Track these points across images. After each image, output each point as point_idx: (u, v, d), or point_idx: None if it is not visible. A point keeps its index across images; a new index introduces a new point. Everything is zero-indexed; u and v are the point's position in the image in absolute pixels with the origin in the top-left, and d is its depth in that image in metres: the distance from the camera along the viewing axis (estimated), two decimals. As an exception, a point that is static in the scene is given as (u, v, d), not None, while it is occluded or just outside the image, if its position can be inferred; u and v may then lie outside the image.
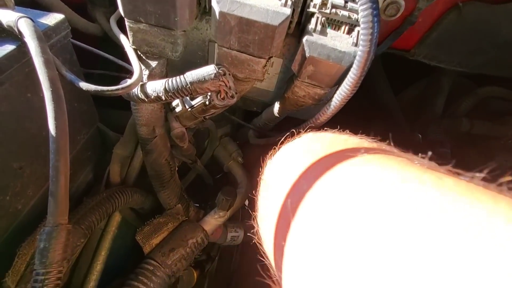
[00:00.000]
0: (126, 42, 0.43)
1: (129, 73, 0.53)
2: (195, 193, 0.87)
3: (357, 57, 0.32)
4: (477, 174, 0.24)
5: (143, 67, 0.42)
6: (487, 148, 0.67)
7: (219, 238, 0.62)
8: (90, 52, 0.54)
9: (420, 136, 0.64)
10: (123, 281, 0.59)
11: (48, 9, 0.54)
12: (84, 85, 0.33)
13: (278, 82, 0.56)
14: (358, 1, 0.29)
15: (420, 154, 0.27)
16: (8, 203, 0.39)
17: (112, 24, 0.49)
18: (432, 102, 0.70)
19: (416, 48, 0.56)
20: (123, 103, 0.51)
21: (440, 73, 0.70)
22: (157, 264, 0.46)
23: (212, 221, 0.57)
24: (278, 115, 0.52)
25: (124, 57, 0.52)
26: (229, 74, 0.40)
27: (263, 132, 0.59)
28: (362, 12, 0.29)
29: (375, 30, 0.29)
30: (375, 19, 0.29)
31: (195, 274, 0.61)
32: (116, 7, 0.67)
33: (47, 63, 0.32)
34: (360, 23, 0.30)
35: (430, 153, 0.25)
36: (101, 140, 0.62)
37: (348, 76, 0.34)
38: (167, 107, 0.48)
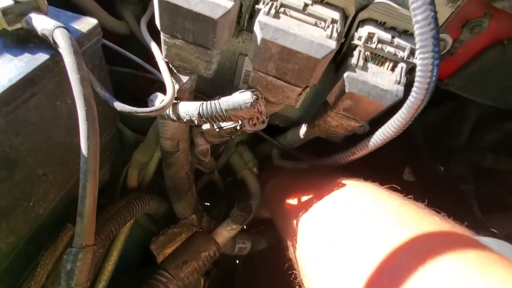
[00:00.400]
0: (158, 53, 0.42)
1: (152, 73, 0.52)
2: (204, 194, 0.88)
3: (408, 102, 0.31)
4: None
5: (173, 81, 0.41)
6: (507, 183, 0.66)
7: (227, 248, 0.62)
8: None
9: (442, 168, 0.63)
10: (130, 282, 0.60)
11: (77, 4, 0.53)
12: (119, 106, 0.32)
13: (304, 101, 0.54)
14: (418, 48, 0.28)
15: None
16: (31, 209, 0.39)
17: (143, 29, 0.48)
18: (457, 131, 0.69)
19: (450, 78, 0.54)
20: (142, 104, 0.50)
21: (468, 101, 0.69)
22: (170, 277, 0.46)
23: (225, 233, 0.57)
24: (304, 138, 0.51)
25: (148, 56, 0.50)
26: (262, 98, 0.39)
27: (287, 151, 0.58)
28: (421, 60, 0.27)
29: (433, 79, 0.28)
30: (435, 68, 0.27)
31: (202, 281, 0.62)
32: (145, 5, 0.65)
33: (82, 80, 0.31)
34: (418, 70, 0.28)
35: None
36: (119, 140, 0.61)
37: (395, 117, 0.33)
38: (193, 121, 0.47)
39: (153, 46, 0.44)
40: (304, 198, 0.45)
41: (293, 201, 0.48)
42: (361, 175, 0.43)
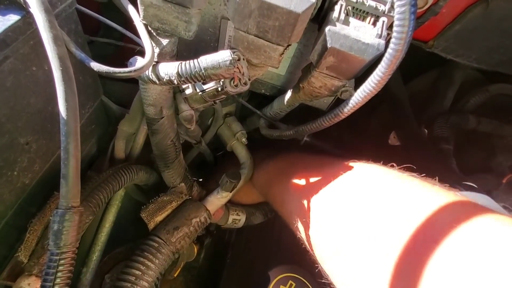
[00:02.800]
0: (136, 16, 0.41)
1: (135, 43, 0.51)
2: (195, 168, 0.88)
3: (386, 55, 0.31)
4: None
5: (153, 44, 0.40)
6: (489, 146, 0.68)
7: (219, 219, 0.63)
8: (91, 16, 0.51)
9: (426, 131, 0.64)
10: (126, 251, 0.62)
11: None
12: (95, 66, 0.32)
13: (289, 67, 0.54)
14: None
15: None
16: (16, 178, 0.39)
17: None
18: (442, 95, 0.69)
19: (435, 40, 0.54)
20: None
21: (453, 65, 0.69)
22: (162, 241, 0.47)
23: (215, 201, 0.58)
24: (289, 104, 0.51)
25: (128, 23, 0.49)
26: (244, 59, 0.39)
27: (274, 121, 0.58)
28: (398, 8, 0.27)
29: (411, 29, 0.28)
30: (412, 16, 0.27)
31: (195, 249, 0.64)
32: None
33: (55, 39, 0.30)
34: (395, 19, 0.28)
35: None
36: (104, 113, 0.60)
37: (374, 73, 0.33)
38: (176, 88, 0.46)
39: (131, 9, 0.42)
40: (315, 180, 0.45)
41: (302, 184, 0.48)
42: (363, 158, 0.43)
